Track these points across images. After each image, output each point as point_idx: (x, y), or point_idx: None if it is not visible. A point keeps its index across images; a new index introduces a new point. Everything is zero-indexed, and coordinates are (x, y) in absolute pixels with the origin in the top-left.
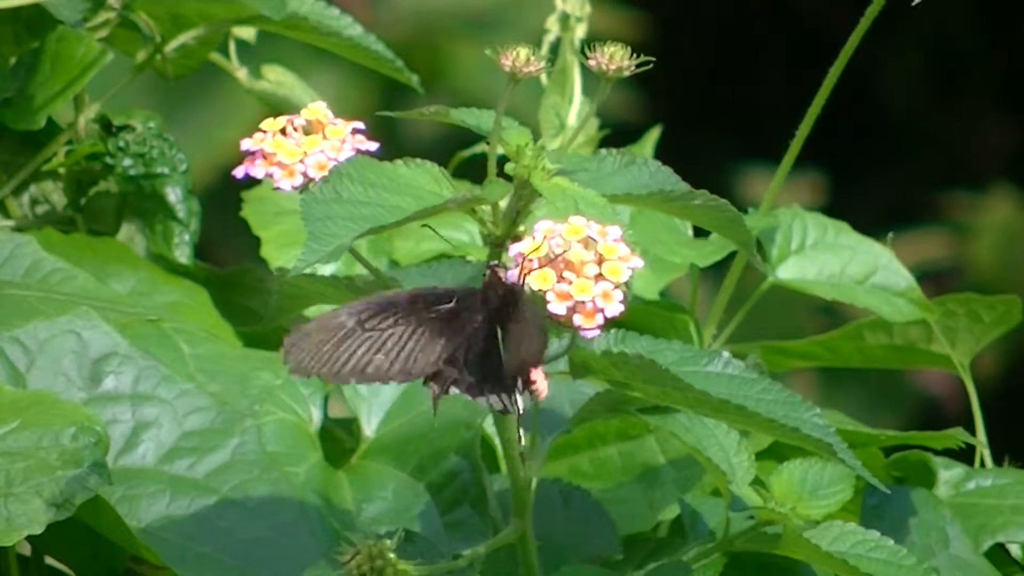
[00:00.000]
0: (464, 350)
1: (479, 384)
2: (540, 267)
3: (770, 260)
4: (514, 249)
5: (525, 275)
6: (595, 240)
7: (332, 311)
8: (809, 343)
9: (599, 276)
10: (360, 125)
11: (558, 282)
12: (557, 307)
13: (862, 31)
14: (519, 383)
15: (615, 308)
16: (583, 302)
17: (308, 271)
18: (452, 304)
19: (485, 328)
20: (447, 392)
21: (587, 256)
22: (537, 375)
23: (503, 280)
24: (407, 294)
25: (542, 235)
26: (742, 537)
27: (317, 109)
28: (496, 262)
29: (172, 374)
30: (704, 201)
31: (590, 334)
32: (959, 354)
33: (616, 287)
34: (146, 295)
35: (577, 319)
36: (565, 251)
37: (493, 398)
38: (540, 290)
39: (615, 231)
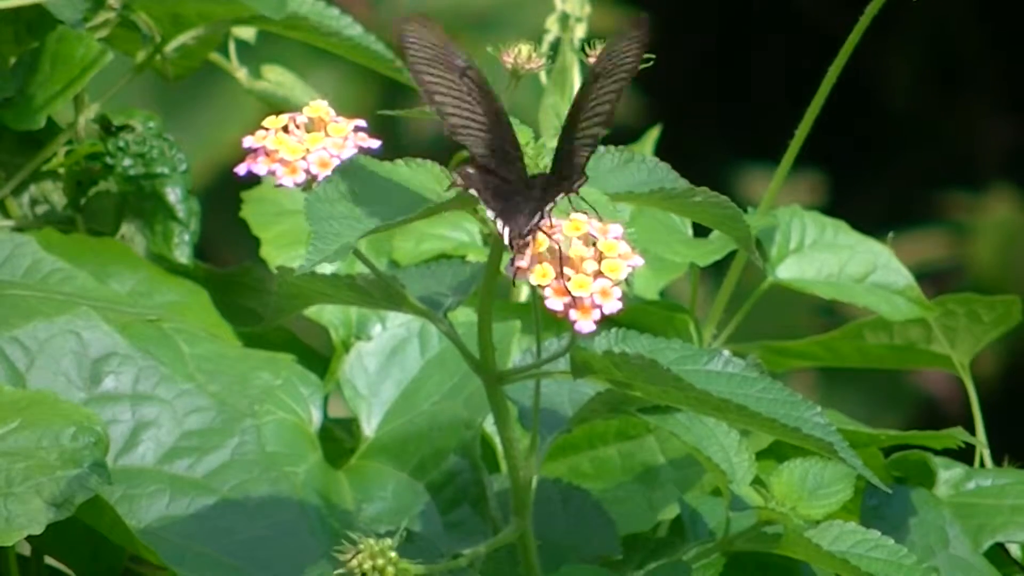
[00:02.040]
0: (497, 186)
1: (494, 205)
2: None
3: (769, 260)
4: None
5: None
6: (595, 237)
7: (451, 43)
8: (809, 343)
9: (598, 273)
10: (362, 123)
11: (556, 278)
12: (554, 303)
13: (861, 30)
14: (525, 228)
15: (613, 305)
16: (581, 298)
17: (311, 270)
18: (516, 152)
19: (522, 195)
20: (466, 188)
21: (587, 253)
22: (528, 251)
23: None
24: (501, 106)
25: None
26: (742, 537)
27: (319, 107)
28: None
29: (172, 374)
30: (704, 198)
31: (586, 330)
32: (959, 354)
33: (615, 284)
34: (146, 295)
35: (573, 315)
36: (565, 247)
37: (498, 221)
38: (539, 285)
39: (616, 229)
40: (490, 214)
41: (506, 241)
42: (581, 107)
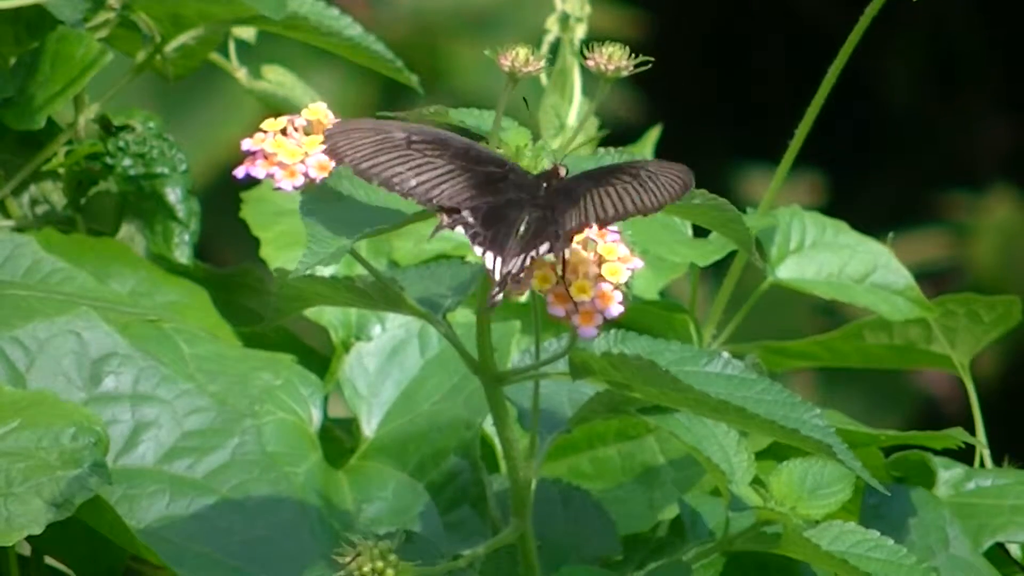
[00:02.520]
0: (488, 209)
1: (483, 237)
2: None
3: (769, 260)
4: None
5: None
6: (594, 241)
7: (385, 122)
8: (809, 343)
9: (599, 277)
10: None
11: (557, 283)
12: (556, 309)
13: (861, 30)
14: (513, 262)
15: (614, 309)
16: (582, 303)
17: (308, 272)
18: (502, 170)
19: (518, 204)
20: (452, 227)
21: (587, 257)
22: (528, 274)
23: (557, 180)
24: (464, 142)
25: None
26: (742, 537)
27: (318, 109)
28: (561, 163)
29: (172, 374)
30: (703, 200)
31: (588, 335)
32: (959, 354)
33: (615, 288)
34: (146, 295)
35: (576, 320)
36: (565, 252)
37: (488, 254)
38: (540, 290)
39: (614, 232)
40: (478, 250)
41: (496, 277)
42: (610, 176)
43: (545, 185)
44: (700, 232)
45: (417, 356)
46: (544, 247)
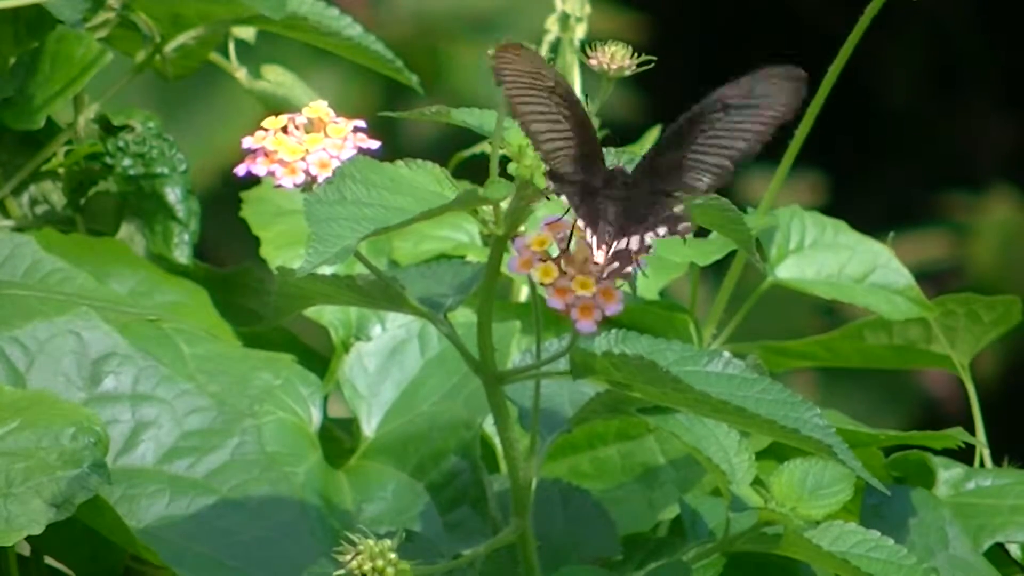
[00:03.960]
0: (582, 185)
1: (580, 206)
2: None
3: (769, 260)
4: (518, 244)
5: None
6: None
7: (538, 57)
8: (809, 343)
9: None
10: (361, 123)
11: (560, 277)
12: (555, 301)
13: (861, 30)
14: (632, 240)
15: (615, 307)
16: (583, 298)
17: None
18: (598, 151)
19: (599, 189)
20: (558, 194)
21: (591, 252)
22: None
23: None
24: (585, 113)
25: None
26: (742, 537)
27: (319, 107)
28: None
29: (172, 374)
30: (704, 200)
31: (587, 330)
32: (959, 354)
33: (618, 285)
34: (146, 295)
35: (575, 314)
36: (569, 246)
37: (588, 229)
38: (541, 283)
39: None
40: (581, 223)
41: (595, 247)
42: (697, 125)
43: (617, 178)
44: (700, 232)
45: (417, 356)
46: (662, 230)
